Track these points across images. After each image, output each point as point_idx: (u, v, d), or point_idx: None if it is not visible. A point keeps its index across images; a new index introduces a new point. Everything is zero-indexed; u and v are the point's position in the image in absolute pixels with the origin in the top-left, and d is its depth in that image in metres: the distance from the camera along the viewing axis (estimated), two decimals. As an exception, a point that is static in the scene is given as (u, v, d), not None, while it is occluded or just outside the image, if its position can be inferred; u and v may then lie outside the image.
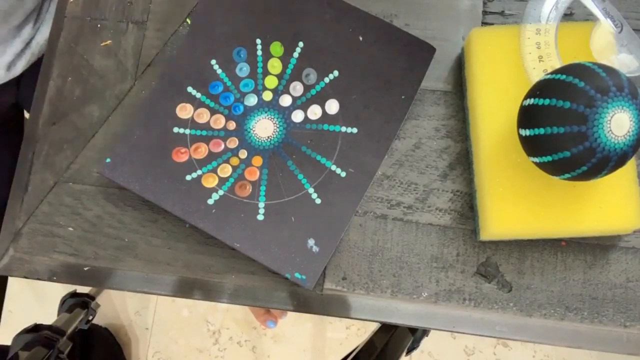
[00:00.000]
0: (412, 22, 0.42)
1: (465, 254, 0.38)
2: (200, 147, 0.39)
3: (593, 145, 0.30)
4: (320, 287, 0.38)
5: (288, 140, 0.39)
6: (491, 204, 0.36)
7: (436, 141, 0.40)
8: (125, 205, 0.40)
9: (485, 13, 0.42)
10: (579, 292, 0.38)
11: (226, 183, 0.39)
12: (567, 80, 0.31)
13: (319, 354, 1.09)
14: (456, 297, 0.38)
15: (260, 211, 0.38)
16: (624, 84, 0.30)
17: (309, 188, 0.38)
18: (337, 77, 0.40)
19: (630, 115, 0.30)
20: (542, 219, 0.36)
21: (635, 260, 0.38)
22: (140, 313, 1.12)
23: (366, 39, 0.39)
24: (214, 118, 0.40)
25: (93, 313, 1.01)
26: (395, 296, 0.38)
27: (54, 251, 0.40)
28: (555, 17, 0.37)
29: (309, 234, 0.37)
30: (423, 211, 0.39)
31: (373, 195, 0.39)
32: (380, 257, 0.39)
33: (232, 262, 0.39)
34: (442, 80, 0.41)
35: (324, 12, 0.40)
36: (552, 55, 0.37)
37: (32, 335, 0.75)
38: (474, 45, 0.38)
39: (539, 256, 0.38)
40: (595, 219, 0.36)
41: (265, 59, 0.40)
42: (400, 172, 0.40)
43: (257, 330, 1.09)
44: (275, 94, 0.40)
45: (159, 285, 0.39)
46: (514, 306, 0.38)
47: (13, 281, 1.09)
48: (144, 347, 1.11)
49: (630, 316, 0.37)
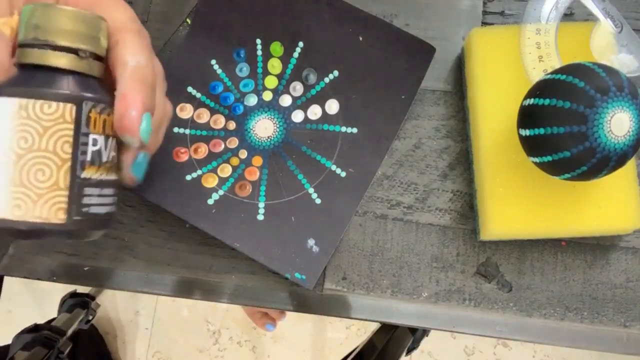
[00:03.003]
0: (412, 22, 0.42)
1: (465, 254, 0.38)
2: (200, 147, 0.39)
3: (593, 145, 0.30)
4: (320, 287, 0.38)
5: (288, 140, 0.39)
6: (491, 204, 0.36)
7: (436, 141, 0.40)
8: (125, 206, 0.40)
9: (485, 13, 0.42)
10: (579, 292, 0.38)
11: (226, 183, 0.39)
12: (567, 80, 0.31)
13: (319, 354, 1.09)
14: (456, 297, 0.38)
15: (260, 211, 0.38)
16: (624, 84, 0.30)
17: (309, 188, 0.38)
18: (337, 77, 0.40)
19: (630, 115, 0.30)
20: (542, 219, 0.36)
21: (635, 260, 0.38)
22: (140, 313, 1.12)
23: (366, 39, 0.39)
24: (214, 118, 0.40)
25: (93, 313, 1.01)
26: (395, 296, 0.38)
27: (54, 251, 0.40)
28: (555, 17, 0.37)
29: (309, 234, 0.37)
30: (423, 211, 0.39)
31: (373, 195, 0.39)
32: (380, 257, 0.39)
33: (232, 262, 0.39)
34: (442, 80, 0.41)
35: (324, 12, 0.40)
36: (552, 55, 0.37)
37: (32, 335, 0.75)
38: (474, 45, 0.38)
39: (539, 256, 0.38)
40: (595, 219, 0.36)
41: (265, 59, 0.40)
42: (400, 172, 0.40)
43: (257, 330, 1.09)
44: (275, 94, 0.40)
45: (159, 285, 0.39)
46: (514, 306, 0.38)
47: (13, 281, 1.09)
48: (144, 347, 1.11)
49: (630, 316, 0.37)
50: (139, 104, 0.25)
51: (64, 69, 0.24)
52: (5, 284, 0.98)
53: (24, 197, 0.23)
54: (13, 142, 0.22)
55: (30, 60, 0.24)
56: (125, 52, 0.26)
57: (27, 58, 0.24)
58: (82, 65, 0.24)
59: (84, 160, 0.24)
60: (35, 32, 0.23)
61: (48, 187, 0.23)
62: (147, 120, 0.25)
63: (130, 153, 0.27)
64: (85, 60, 0.24)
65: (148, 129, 0.26)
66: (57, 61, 0.24)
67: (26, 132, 0.22)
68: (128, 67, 0.26)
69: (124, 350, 1.10)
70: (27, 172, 0.23)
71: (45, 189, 0.23)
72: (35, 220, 0.23)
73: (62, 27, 0.24)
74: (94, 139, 0.24)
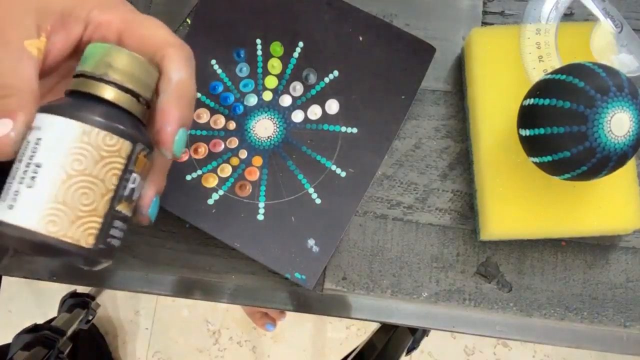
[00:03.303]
0: (412, 22, 0.42)
1: (465, 254, 0.38)
2: (200, 147, 0.39)
3: (593, 145, 0.30)
4: (320, 287, 0.38)
5: (288, 140, 0.39)
6: (491, 204, 0.36)
7: (436, 141, 0.40)
8: (125, 205, 0.40)
9: (485, 13, 0.42)
10: (579, 292, 0.38)
11: (226, 183, 0.39)
12: (567, 80, 0.31)
13: (319, 354, 1.09)
14: (456, 297, 0.38)
15: (260, 211, 0.38)
16: (624, 84, 0.30)
17: (309, 188, 0.38)
18: (337, 77, 0.40)
19: (630, 115, 0.30)
20: (542, 219, 0.36)
21: (635, 260, 0.38)
22: (140, 313, 1.12)
23: (366, 39, 0.39)
24: (214, 118, 0.40)
25: (93, 313, 1.01)
26: (395, 296, 0.38)
27: (54, 251, 0.40)
28: (555, 17, 0.37)
29: (309, 234, 0.37)
30: (423, 211, 0.39)
31: (373, 195, 0.39)
32: (380, 257, 0.39)
33: (232, 262, 0.39)
34: (442, 80, 0.41)
35: (324, 12, 0.40)
36: (552, 55, 0.37)
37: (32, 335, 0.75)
38: (474, 45, 0.38)
39: (539, 256, 0.38)
40: (595, 219, 0.36)
41: (265, 59, 0.40)
42: (400, 172, 0.40)
43: (257, 330, 1.09)
44: (275, 94, 0.40)
45: (159, 285, 0.39)
46: (514, 306, 0.38)
47: (13, 281, 1.09)
48: (144, 347, 1.11)
49: (630, 316, 0.37)
50: (176, 120, 0.26)
51: (127, 109, 0.26)
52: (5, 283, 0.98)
53: (62, 215, 0.23)
54: (67, 161, 0.23)
55: (98, 93, 0.25)
56: (170, 66, 0.27)
57: (94, 90, 0.25)
58: (139, 110, 0.26)
59: (122, 195, 0.25)
60: (107, 69, 0.25)
61: (87, 211, 0.24)
62: (181, 136, 0.27)
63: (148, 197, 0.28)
64: (142, 106, 0.26)
65: (182, 145, 0.27)
66: (123, 101, 0.25)
67: (82, 155, 0.24)
68: (172, 82, 0.27)
69: (124, 350, 1.10)
70: (72, 192, 0.24)
71: (85, 212, 0.24)
72: (66, 239, 0.24)
73: (131, 72, 0.25)
74: (134, 177, 0.26)
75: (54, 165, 0.23)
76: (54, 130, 0.24)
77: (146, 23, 0.28)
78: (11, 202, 0.23)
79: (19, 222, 0.23)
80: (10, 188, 0.23)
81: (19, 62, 0.25)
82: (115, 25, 0.27)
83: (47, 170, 0.23)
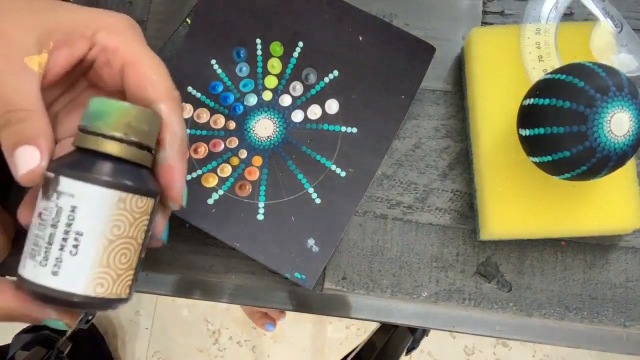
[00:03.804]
0: (412, 22, 0.42)
1: (465, 254, 0.38)
2: (200, 147, 0.39)
3: (593, 145, 0.30)
4: (320, 287, 0.38)
5: (288, 140, 0.39)
6: (491, 204, 0.36)
7: (436, 141, 0.40)
8: (125, 205, 0.40)
9: (485, 13, 0.42)
10: (579, 292, 0.38)
11: (226, 183, 0.39)
12: (567, 80, 0.31)
13: (319, 354, 1.09)
14: (456, 297, 0.38)
15: (260, 211, 0.38)
16: (624, 84, 0.30)
17: (309, 188, 0.38)
18: (337, 77, 0.40)
19: (630, 115, 0.30)
20: (542, 219, 0.36)
21: (635, 260, 0.38)
22: (140, 313, 1.12)
23: (366, 39, 0.39)
24: (214, 118, 0.40)
25: (93, 313, 1.01)
26: (395, 296, 0.38)
27: (54, 251, 0.40)
28: (555, 17, 0.37)
29: (309, 234, 0.37)
30: (423, 211, 0.39)
31: (373, 195, 0.39)
32: (380, 257, 0.39)
33: (232, 262, 0.39)
34: (442, 80, 0.41)
35: (324, 12, 0.40)
36: (552, 55, 0.37)
37: (32, 335, 0.75)
38: (474, 45, 0.38)
39: (539, 256, 0.38)
40: (595, 219, 0.36)
41: (265, 59, 0.40)
42: (400, 172, 0.40)
43: (257, 330, 1.09)
44: (275, 94, 0.40)
45: (159, 285, 0.39)
46: (514, 306, 0.38)
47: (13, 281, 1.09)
48: (144, 347, 1.11)
49: (630, 316, 0.37)
50: (184, 176, 0.28)
51: (147, 166, 0.27)
52: (5, 284, 0.98)
53: (107, 277, 0.25)
54: (107, 229, 0.24)
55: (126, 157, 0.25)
56: (174, 120, 0.28)
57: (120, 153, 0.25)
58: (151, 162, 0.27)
59: (146, 244, 0.27)
60: (127, 130, 0.25)
61: (125, 268, 0.26)
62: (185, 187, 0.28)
63: (161, 225, 0.29)
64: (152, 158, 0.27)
65: (187, 194, 0.29)
66: (144, 159, 0.26)
67: (120, 221, 0.25)
68: (177, 137, 0.28)
69: (124, 350, 1.10)
70: (114, 256, 0.25)
71: (123, 270, 0.25)
72: (111, 297, 0.25)
73: (148, 131, 0.26)
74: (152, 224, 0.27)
75: (96, 233, 0.24)
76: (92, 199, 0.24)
77: (151, 63, 0.28)
78: (55, 269, 0.24)
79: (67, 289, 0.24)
80: (50, 254, 0.24)
81: (22, 78, 0.25)
82: (122, 54, 0.28)
83: (89, 238, 0.24)
